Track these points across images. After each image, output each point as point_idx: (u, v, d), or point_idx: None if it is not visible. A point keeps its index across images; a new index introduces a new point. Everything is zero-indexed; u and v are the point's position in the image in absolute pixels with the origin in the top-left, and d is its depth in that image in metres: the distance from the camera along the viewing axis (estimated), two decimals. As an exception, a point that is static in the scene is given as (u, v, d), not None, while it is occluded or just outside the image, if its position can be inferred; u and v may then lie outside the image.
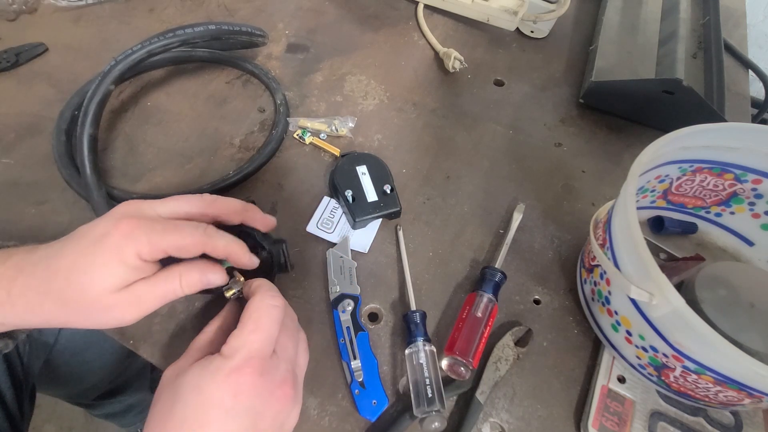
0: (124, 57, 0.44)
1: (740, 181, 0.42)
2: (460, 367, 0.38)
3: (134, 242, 0.29)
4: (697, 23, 0.63)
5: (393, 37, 0.66)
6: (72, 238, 0.30)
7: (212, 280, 0.32)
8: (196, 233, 0.31)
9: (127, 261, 0.29)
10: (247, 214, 0.36)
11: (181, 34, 0.45)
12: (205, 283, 0.32)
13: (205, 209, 0.34)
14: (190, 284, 0.31)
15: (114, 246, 0.29)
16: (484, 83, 0.62)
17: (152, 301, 0.30)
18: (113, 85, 0.44)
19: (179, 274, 0.31)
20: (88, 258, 0.29)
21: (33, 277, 0.29)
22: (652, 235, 0.48)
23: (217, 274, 0.32)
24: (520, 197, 0.51)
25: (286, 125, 0.53)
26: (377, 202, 0.46)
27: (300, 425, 0.36)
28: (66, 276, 0.29)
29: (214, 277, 0.32)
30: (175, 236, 0.30)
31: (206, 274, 0.32)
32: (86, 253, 0.29)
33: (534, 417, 0.38)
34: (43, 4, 0.64)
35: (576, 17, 0.72)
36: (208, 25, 0.47)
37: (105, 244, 0.29)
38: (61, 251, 0.30)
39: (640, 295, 0.31)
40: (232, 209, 0.35)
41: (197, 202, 0.34)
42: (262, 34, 0.55)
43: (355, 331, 0.40)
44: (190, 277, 0.31)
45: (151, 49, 0.44)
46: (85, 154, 0.42)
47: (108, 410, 0.80)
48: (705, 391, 0.32)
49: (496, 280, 0.42)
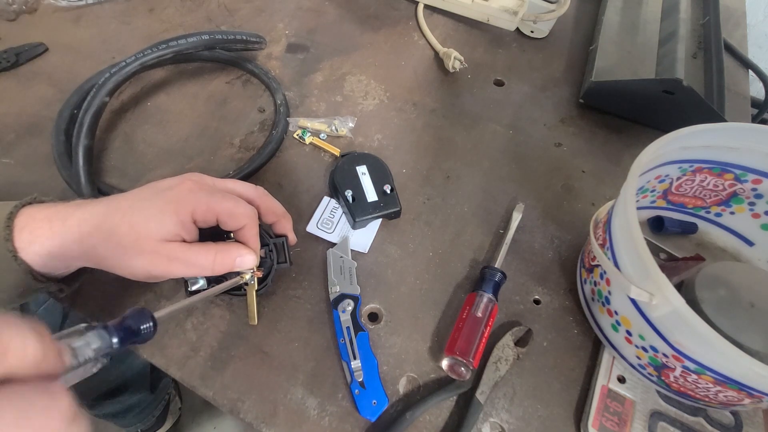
0: (118, 69, 0.46)
1: (740, 181, 0.42)
2: (461, 367, 0.38)
3: (194, 199, 0.32)
4: (697, 23, 0.63)
5: (393, 37, 0.66)
6: (140, 188, 0.34)
7: (246, 262, 0.34)
8: (248, 207, 0.34)
9: (180, 215, 0.31)
10: (283, 221, 0.39)
11: (174, 46, 0.47)
12: (238, 264, 0.33)
13: (254, 199, 0.37)
14: (223, 263, 0.33)
15: (175, 198, 0.32)
16: (484, 83, 0.62)
17: (182, 266, 0.32)
18: (108, 97, 0.46)
19: (215, 251, 0.32)
20: (147, 203, 0.32)
21: (92, 212, 0.32)
22: (652, 235, 0.48)
23: (251, 257, 0.34)
24: (519, 197, 0.51)
25: (286, 125, 0.53)
26: (377, 202, 0.46)
27: (300, 425, 0.37)
28: (123, 214, 0.31)
29: (248, 259, 0.34)
30: (230, 203, 0.33)
31: (242, 255, 0.34)
32: (147, 199, 0.32)
33: (534, 417, 0.38)
34: (43, 4, 0.64)
35: (576, 17, 0.72)
36: (201, 35, 0.48)
37: (167, 195, 0.32)
38: (125, 195, 0.33)
39: (640, 295, 0.31)
40: (273, 210, 0.38)
41: (251, 190, 0.37)
42: (258, 40, 0.55)
43: (355, 331, 0.40)
44: (225, 256, 0.33)
45: (144, 61, 0.46)
46: (80, 164, 0.44)
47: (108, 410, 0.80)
48: (705, 391, 0.32)
49: (496, 280, 0.42)
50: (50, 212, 0.31)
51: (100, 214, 0.31)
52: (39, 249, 0.30)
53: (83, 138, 0.44)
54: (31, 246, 0.30)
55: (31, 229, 0.31)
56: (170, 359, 0.39)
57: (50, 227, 0.31)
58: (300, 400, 0.38)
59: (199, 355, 0.39)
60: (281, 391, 0.38)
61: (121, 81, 0.46)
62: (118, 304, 0.41)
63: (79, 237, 0.31)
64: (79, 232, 0.31)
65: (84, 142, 0.44)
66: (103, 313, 0.40)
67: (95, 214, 0.31)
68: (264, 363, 0.39)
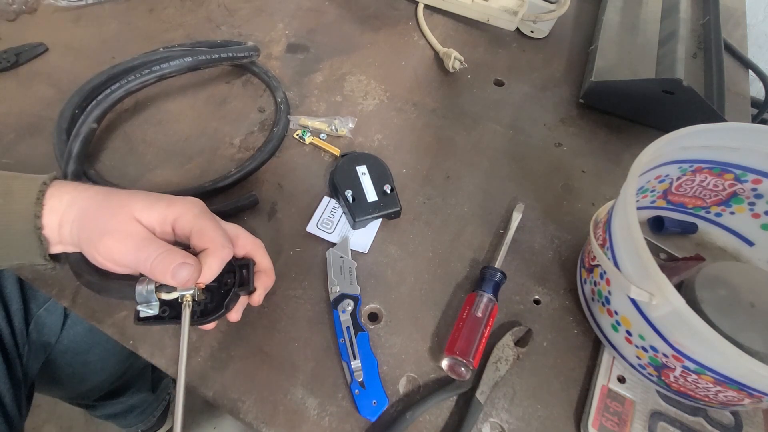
0: (104, 97, 0.47)
1: (740, 181, 0.42)
2: (461, 367, 0.38)
3: (191, 206, 0.32)
4: (697, 23, 0.63)
5: (393, 37, 0.66)
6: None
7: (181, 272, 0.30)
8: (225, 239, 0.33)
9: (172, 209, 0.32)
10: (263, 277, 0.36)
11: (157, 71, 0.48)
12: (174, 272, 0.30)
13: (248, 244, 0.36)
14: (164, 263, 0.30)
15: (175, 198, 0.33)
16: (484, 83, 0.62)
17: (144, 259, 0.30)
18: (95, 124, 0.47)
19: (164, 249, 0.30)
20: (151, 194, 0.33)
21: (97, 186, 0.34)
22: (652, 235, 0.48)
23: (189, 270, 0.30)
24: (519, 197, 0.51)
25: (287, 123, 0.53)
26: (377, 202, 0.46)
27: (300, 425, 0.37)
28: (122, 190, 0.33)
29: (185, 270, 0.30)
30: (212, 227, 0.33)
31: (185, 263, 0.30)
32: (150, 193, 0.33)
33: (534, 417, 0.38)
34: (43, 4, 0.64)
35: (576, 17, 0.72)
36: (184, 58, 0.49)
37: (169, 195, 0.33)
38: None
39: (640, 295, 0.31)
40: (262, 264, 0.36)
41: (249, 239, 0.36)
42: (248, 54, 0.54)
43: (355, 331, 0.40)
44: (168, 257, 0.30)
45: (129, 87, 0.48)
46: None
47: (109, 411, 0.80)
48: (705, 391, 0.32)
49: (496, 280, 0.42)
50: (69, 188, 0.33)
51: (99, 191, 0.33)
52: (57, 224, 0.32)
53: (72, 164, 0.45)
54: (51, 218, 0.32)
55: (58, 198, 0.32)
56: (170, 359, 0.39)
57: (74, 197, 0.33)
58: (300, 400, 0.38)
59: (199, 355, 0.39)
60: (281, 391, 0.38)
61: (108, 108, 0.48)
62: (118, 304, 0.41)
63: (70, 203, 0.32)
64: (72, 202, 0.32)
65: (72, 167, 0.45)
66: (103, 313, 0.40)
67: (96, 189, 0.33)
68: (264, 363, 0.39)
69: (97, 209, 0.32)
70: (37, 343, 0.51)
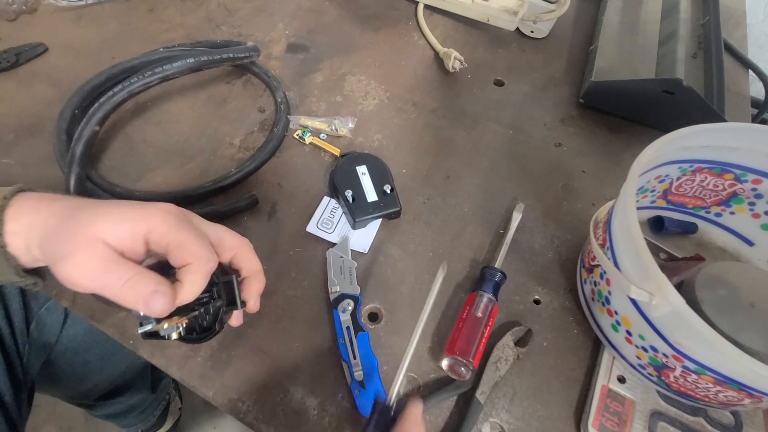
0: (106, 99, 0.47)
1: (740, 181, 0.42)
2: (461, 367, 0.38)
3: (165, 217, 0.28)
4: (697, 23, 0.63)
5: (393, 37, 0.66)
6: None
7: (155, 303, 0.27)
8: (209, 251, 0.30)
9: (142, 224, 0.28)
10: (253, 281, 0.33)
11: (159, 72, 0.48)
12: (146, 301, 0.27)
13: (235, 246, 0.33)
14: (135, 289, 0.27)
15: (147, 209, 0.28)
16: (484, 83, 0.62)
17: (110, 286, 0.27)
18: (98, 126, 0.47)
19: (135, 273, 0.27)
20: (113, 206, 0.29)
21: (64, 199, 0.30)
22: (652, 235, 0.48)
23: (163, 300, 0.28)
24: (519, 197, 0.51)
25: (287, 123, 0.53)
26: (377, 202, 0.46)
27: (300, 425, 0.37)
28: (89, 203, 0.29)
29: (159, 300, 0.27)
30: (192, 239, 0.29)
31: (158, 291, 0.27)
32: (118, 204, 0.29)
33: (534, 417, 0.38)
34: (43, 4, 0.64)
35: (576, 17, 0.72)
36: (187, 59, 0.49)
37: (142, 204, 0.29)
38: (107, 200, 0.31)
39: (640, 295, 0.31)
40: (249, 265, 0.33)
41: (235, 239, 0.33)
42: (248, 54, 0.54)
43: (355, 331, 0.40)
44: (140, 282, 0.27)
45: (132, 89, 0.47)
46: (71, 192, 0.44)
47: (109, 411, 0.80)
48: (705, 391, 0.32)
49: (496, 280, 0.42)
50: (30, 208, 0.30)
51: (68, 201, 0.30)
52: (23, 244, 0.29)
53: (75, 166, 0.44)
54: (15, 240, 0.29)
55: (17, 220, 0.29)
56: (170, 359, 0.39)
57: (33, 218, 0.29)
58: (300, 400, 0.38)
59: (199, 355, 0.39)
60: (281, 391, 0.38)
61: (110, 110, 0.47)
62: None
63: (35, 219, 0.29)
64: (37, 216, 0.29)
65: (76, 170, 0.44)
66: (103, 313, 0.40)
67: (67, 200, 0.30)
68: (264, 363, 0.39)
69: (54, 232, 0.28)
70: (38, 342, 0.51)
